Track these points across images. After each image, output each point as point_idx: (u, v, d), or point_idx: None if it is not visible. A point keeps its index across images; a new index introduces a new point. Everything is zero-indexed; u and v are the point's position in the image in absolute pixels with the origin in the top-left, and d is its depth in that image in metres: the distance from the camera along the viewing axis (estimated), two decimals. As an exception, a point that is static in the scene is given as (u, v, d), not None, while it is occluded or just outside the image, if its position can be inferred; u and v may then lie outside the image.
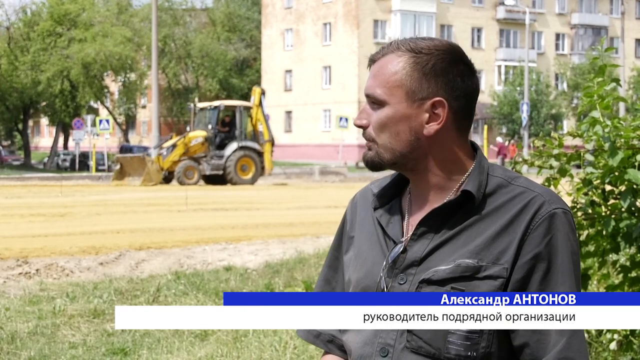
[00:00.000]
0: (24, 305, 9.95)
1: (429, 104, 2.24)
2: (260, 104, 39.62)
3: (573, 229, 2.23)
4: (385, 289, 2.28)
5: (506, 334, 2.20)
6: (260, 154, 39.27)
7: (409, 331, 2.23)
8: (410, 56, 2.24)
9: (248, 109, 39.83)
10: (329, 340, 2.54)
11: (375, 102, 2.28)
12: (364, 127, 2.31)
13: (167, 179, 38.90)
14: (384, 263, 2.30)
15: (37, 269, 12.67)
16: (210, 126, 39.27)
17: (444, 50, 2.25)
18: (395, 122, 2.26)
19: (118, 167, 40.35)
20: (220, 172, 38.82)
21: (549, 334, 2.15)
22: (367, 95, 2.30)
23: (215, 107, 40.11)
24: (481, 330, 2.18)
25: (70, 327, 9.02)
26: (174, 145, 38.80)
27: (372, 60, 2.31)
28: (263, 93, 40.18)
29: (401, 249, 2.29)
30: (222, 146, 39.05)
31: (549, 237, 2.18)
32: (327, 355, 2.56)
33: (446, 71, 2.24)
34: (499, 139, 62.10)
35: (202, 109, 41.21)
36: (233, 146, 38.83)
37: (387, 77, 2.26)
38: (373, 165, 2.32)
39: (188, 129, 41.38)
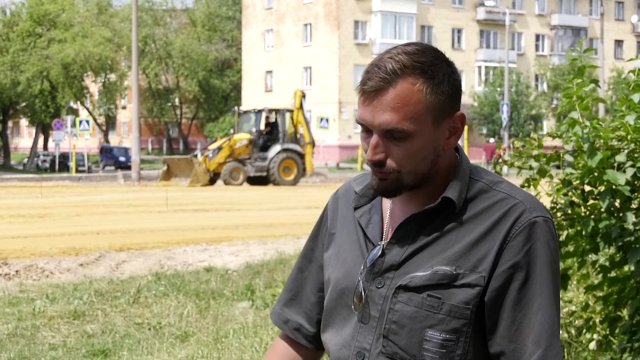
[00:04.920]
0: (4, 307, 9.91)
1: (452, 120, 2.21)
2: (301, 106, 40.73)
3: (554, 236, 2.19)
4: (363, 293, 2.25)
5: (483, 341, 2.19)
6: (301, 156, 40.35)
7: (384, 336, 2.21)
8: (425, 78, 2.14)
9: (290, 111, 40.88)
10: (296, 328, 2.53)
11: (400, 135, 2.16)
12: (381, 162, 2.19)
13: (212, 180, 39.92)
14: (363, 265, 2.28)
15: (16, 270, 12.62)
16: (254, 129, 40.41)
17: (444, 61, 2.19)
18: (424, 148, 2.18)
19: (165, 168, 41.66)
20: (264, 174, 39.84)
21: (524, 344, 2.14)
22: (390, 130, 2.16)
23: (259, 111, 41.23)
24: (457, 338, 2.16)
25: (50, 328, 8.98)
26: (219, 148, 39.79)
27: (375, 90, 2.16)
28: (304, 96, 41.36)
29: (379, 252, 2.26)
30: (265, 148, 40.14)
31: (529, 246, 2.15)
32: (281, 340, 2.56)
33: (455, 81, 2.20)
34: (491, 140, 62.12)
35: (245, 112, 42.47)
36: (276, 148, 39.89)
37: (412, 108, 2.14)
38: (391, 192, 2.23)
39: (232, 131, 42.11)
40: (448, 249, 2.19)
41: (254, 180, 40.09)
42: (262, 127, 40.70)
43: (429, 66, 2.16)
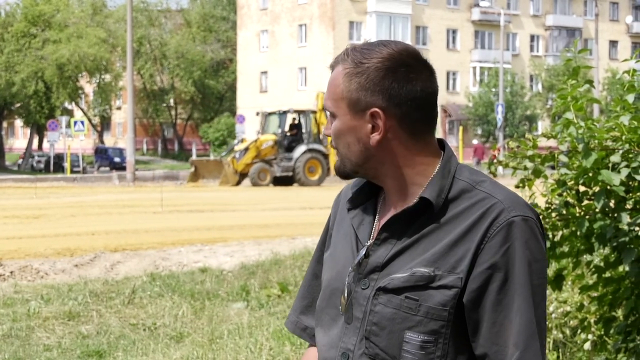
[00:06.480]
0: (-2, 308, 9.90)
1: (368, 115, 2.23)
2: (324, 108, 40.93)
3: (536, 236, 2.17)
4: (346, 294, 2.27)
5: (462, 343, 2.18)
6: (325, 156, 41.00)
7: (366, 338, 2.22)
8: (352, 68, 2.24)
9: (314, 113, 41.67)
10: (315, 335, 2.52)
11: (330, 114, 2.30)
12: (329, 137, 2.32)
13: (238, 180, 40.74)
14: (351, 266, 2.29)
15: (11, 271, 12.60)
16: (280, 130, 41.30)
17: (382, 58, 2.22)
18: (344, 134, 2.26)
19: (193, 169, 42.96)
20: (290, 174, 40.62)
21: (506, 345, 2.13)
22: (325, 108, 2.32)
23: (284, 112, 42.22)
24: (435, 339, 2.16)
25: (45, 329, 8.98)
26: (246, 149, 40.61)
27: (332, 68, 2.32)
28: None
29: (364, 253, 2.27)
30: (290, 149, 41.01)
31: (507, 247, 2.14)
32: (311, 347, 2.55)
33: (382, 80, 2.21)
34: (475, 141, 62.32)
35: (270, 114, 43.26)
36: (301, 149, 40.74)
37: (333, 89, 2.28)
38: (339, 173, 2.33)
39: (258, 133, 43.32)
40: (428, 250, 2.19)
41: (279, 181, 40.76)
42: (287, 128, 41.52)
43: (363, 59, 2.24)
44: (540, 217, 4.79)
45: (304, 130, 41.29)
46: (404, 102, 2.22)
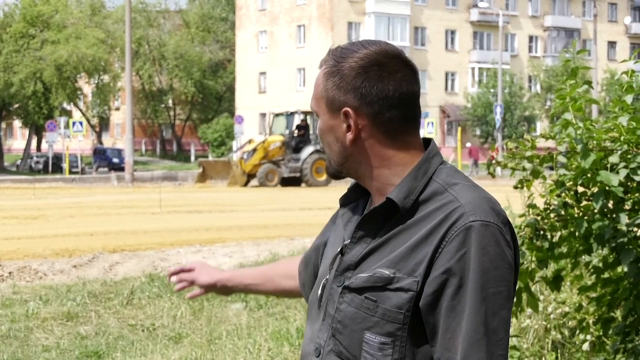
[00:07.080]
0: (-3, 309, 9.89)
1: (342, 114, 2.23)
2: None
3: (497, 242, 2.11)
4: (321, 289, 2.32)
5: (421, 347, 2.17)
6: None
7: (333, 335, 2.24)
8: (330, 68, 2.25)
9: None
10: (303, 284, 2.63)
11: (315, 114, 2.33)
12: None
13: (246, 181, 41.05)
14: (330, 264, 2.32)
15: (10, 272, 12.60)
16: (287, 131, 41.64)
17: (358, 58, 2.22)
18: (325, 133, 2.28)
19: (201, 170, 43.43)
20: (298, 174, 40.86)
21: (456, 352, 2.09)
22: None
23: (292, 113, 42.67)
24: (392, 341, 2.15)
25: (43, 330, 8.98)
26: (254, 150, 40.91)
27: (319, 68, 2.33)
28: None
29: (339, 250, 2.29)
30: (298, 149, 41.24)
31: (462, 252, 2.10)
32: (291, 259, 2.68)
33: (354, 80, 2.21)
34: (468, 144, 62.38)
35: (278, 115, 43.73)
36: (309, 149, 40.92)
37: (315, 89, 2.30)
38: (328, 173, 2.36)
39: (266, 134, 43.68)
40: (394, 251, 2.18)
41: (287, 181, 40.95)
42: (294, 129, 41.76)
43: (342, 59, 2.24)
44: (539, 217, 4.83)
45: (311, 131, 41.43)
46: (375, 101, 2.21)
